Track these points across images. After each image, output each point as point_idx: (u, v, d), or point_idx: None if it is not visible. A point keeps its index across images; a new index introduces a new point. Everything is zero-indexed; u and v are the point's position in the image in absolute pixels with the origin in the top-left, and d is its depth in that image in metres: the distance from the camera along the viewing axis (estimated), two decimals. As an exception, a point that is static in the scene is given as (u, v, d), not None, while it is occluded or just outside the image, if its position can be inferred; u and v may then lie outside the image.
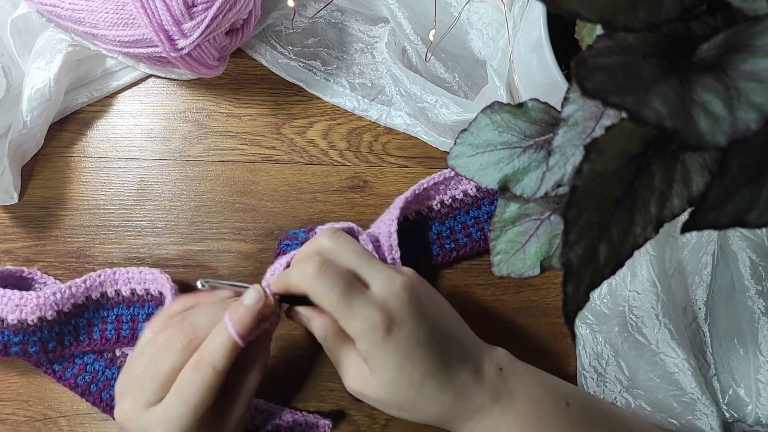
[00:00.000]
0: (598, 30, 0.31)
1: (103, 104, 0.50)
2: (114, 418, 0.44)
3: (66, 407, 0.46)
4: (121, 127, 0.50)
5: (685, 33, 0.25)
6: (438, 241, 0.48)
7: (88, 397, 0.45)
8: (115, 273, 0.45)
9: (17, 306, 0.42)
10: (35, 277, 0.47)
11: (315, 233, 0.45)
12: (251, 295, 0.36)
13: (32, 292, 0.42)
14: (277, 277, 0.38)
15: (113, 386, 0.42)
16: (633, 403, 0.45)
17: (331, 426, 0.45)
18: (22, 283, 0.46)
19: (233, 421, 0.37)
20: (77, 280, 0.44)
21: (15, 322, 0.41)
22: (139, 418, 0.35)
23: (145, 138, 0.50)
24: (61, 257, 0.48)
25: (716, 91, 0.21)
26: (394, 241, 0.44)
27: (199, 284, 0.37)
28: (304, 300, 0.37)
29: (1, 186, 0.46)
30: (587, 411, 0.39)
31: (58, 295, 0.43)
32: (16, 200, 0.47)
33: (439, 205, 0.48)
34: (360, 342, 0.35)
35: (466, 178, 0.37)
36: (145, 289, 0.46)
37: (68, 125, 0.50)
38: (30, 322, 0.42)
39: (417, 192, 0.46)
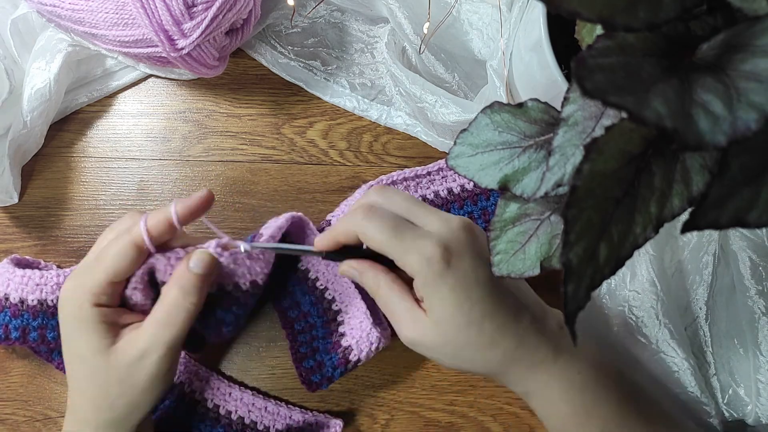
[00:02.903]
0: (598, 30, 0.31)
1: (103, 104, 0.50)
2: None
3: (66, 407, 0.46)
4: (121, 127, 0.50)
5: (685, 33, 0.25)
6: None
7: None
8: None
9: (37, 285, 0.41)
10: (49, 269, 0.47)
11: (261, 234, 0.44)
12: (197, 193, 0.37)
13: (52, 271, 0.43)
14: (326, 232, 0.37)
15: None
16: (633, 403, 0.45)
17: (342, 426, 0.45)
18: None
19: (137, 342, 0.35)
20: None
21: (35, 303, 0.41)
22: (65, 283, 0.36)
23: (145, 138, 0.50)
24: (61, 257, 0.48)
25: (716, 91, 0.21)
26: None
27: (242, 248, 0.37)
28: (352, 256, 0.37)
29: (1, 186, 0.46)
30: (636, 385, 0.39)
31: None
32: (16, 200, 0.47)
33: (432, 195, 0.48)
34: (418, 276, 0.34)
35: (466, 178, 0.37)
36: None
37: (68, 125, 0.50)
38: (50, 303, 0.42)
39: (386, 183, 0.47)
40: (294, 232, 0.45)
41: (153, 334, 0.35)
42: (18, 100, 0.46)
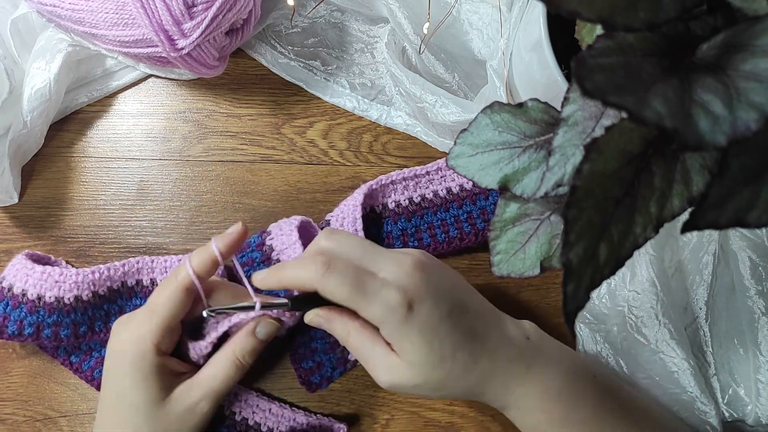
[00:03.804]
0: (598, 30, 0.31)
1: (103, 104, 0.50)
2: None
3: (66, 407, 0.46)
4: (121, 127, 0.50)
5: (685, 33, 0.25)
6: (429, 231, 0.48)
7: None
8: (153, 261, 0.46)
9: (56, 282, 0.42)
10: (61, 266, 0.47)
11: (268, 233, 0.46)
12: (233, 227, 0.38)
13: (71, 269, 0.43)
14: (270, 271, 0.38)
15: None
16: (633, 403, 0.45)
17: (346, 429, 0.45)
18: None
19: (188, 394, 0.38)
20: (116, 263, 0.45)
21: (52, 300, 0.41)
22: (116, 330, 0.38)
23: (145, 138, 0.50)
24: (61, 257, 0.48)
25: (716, 91, 0.21)
26: (359, 225, 0.44)
27: (204, 314, 0.37)
28: (315, 303, 0.37)
29: (1, 186, 0.46)
30: (611, 384, 0.39)
31: (97, 275, 0.43)
32: (16, 200, 0.47)
33: (431, 195, 0.48)
34: (384, 326, 0.35)
35: (466, 178, 0.37)
36: (152, 279, 0.46)
37: (68, 125, 0.50)
38: (67, 301, 0.42)
39: (381, 184, 0.47)
40: (301, 238, 0.45)
41: (208, 388, 0.38)
42: (18, 100, 0.46)
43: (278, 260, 0.45)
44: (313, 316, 0.38)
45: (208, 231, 0.49)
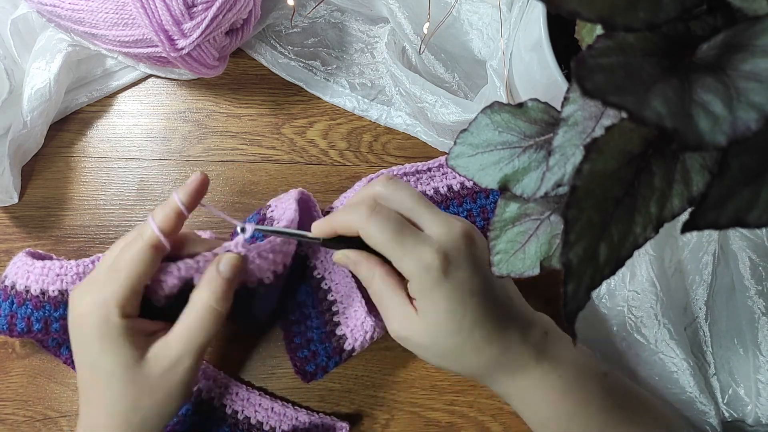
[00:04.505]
0: (598, 30, 0.31)
1: (103, 104, 0.50)
2: None
3: (66, 407, 0.46)
4: (121, 127, 0.50)
5: (685, 33, 0.25)
6: None
7: None
8: None
9: (58, 275, 0.41)
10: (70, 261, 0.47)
11: (267, 206, 0.45)
12: (193, 176, 0.36)
13: (72, 261, 0.42)
14: (325, 218, 0.37)
15: None
16: (633, 403, 0.45)
17: (348, 429, 0.45)
18: None
19: (165, 352, 0.35)
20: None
21: (56, 293, 0.41)
22: (76, 292, 0.36)
23: (145, 138, 0.50)
24: (61, 257, 0.48)
25: (716, 91, 0.21)
26: None
27: (239, 228, 0.36)
28: (348, 246, 0.37)
29: (1, 186, 0.46)
30: (622, 385, 0.39)
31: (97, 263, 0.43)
32: (16, 200, 0.47)
33: (432, 192, 0.48)
34: (414, 280, 0.35)
35: (467, 178, 0.37)
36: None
37: (68, 125, 0.50)
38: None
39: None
40: (300, 211, 0.45)
41: (186, 341, 0.35)
42: (18, 100, 0.46)
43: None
44: (342, 256, 0.38)
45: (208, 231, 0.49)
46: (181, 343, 0.35)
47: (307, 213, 0.45)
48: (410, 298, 0.36)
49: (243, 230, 0.37)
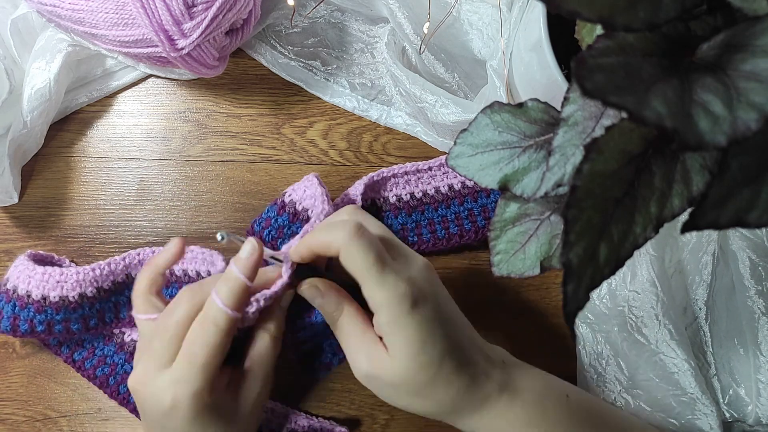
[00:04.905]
0: (598, 30, 0.31)
1: (103, 104, 0.50)
2: (131, 413, 0.45)
3: (66, 407, 0.46)
4: (121, 127, 0.50)
5: (685, 33, 0.25)
6: (429, 227, 0.47)
7: (105, 390, 0.45)
8: (154, 251, 0.46)
9: (58, 282, 0.42)
10: (63, 265, 0.47)
11: (284, 193, 0.45)
12: (247, 247, 0.36)
13: (72, 268, 0.43)
14: (302, 241, 0.37)
15: None
16: (632, 403, 0.45)
17: None
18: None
19: (250, 394, 0.37)
20: (116, 257, 0.45)
21: (57, 299, 0.42)
22: (151, 381, 0.35)
23: (145, 138, 0.50)
24: (62, 256, 0.48)
25: (716, 91, 0.21)
26: None
27: (218, 236, 0.35)
28: (315, 275, 0.37)
29: (1, 186, 0.46)
30: (585, 404, 0.39)
31: (98, 271, 0.43)
32: (16, 200, 0.47)
33: (432, 191, 0.48)
34: (384, 312, 0.34)
35: (466, 178, 0.37)
36: (183, 270, 0.46)
37: (68, 125, 0.50)
38: (72, 299, 0.42)
39: (383, 176, 0.47)
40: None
41: (262, 374, 0.38)
42: (18, 100, 0.46)
43: (303, 209, 0.45)
44: (309, 287, 0.37)
45: (208, 231, 0.49)
46: (259, 378, 0.38)
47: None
48: (378, 337, 0.36)
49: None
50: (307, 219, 0.45)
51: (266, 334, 0.38)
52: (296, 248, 0.37)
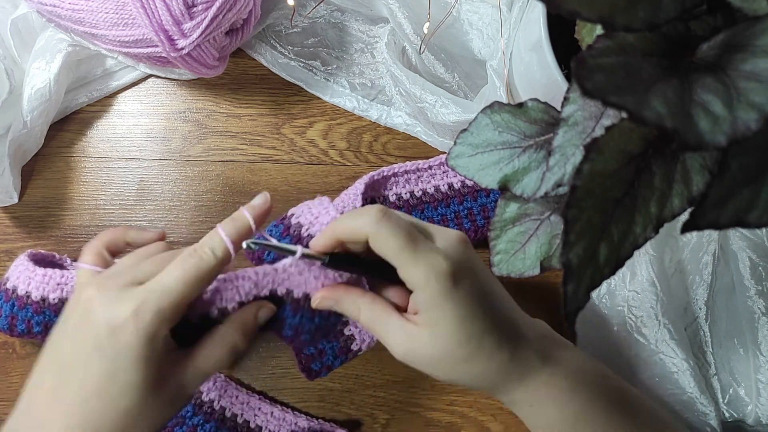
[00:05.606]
0: (598, 30, 0.31)
1: (103, 104, 0.50)
2: None
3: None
4: (121, 127, 0.50)
5: (685, 33, 0.25)
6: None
7: None
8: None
9: (58, 285, 0.42)
10: (65, 264, 0.47)
11: (290, 215, 0.45)
12: (260, 198, 0.36)
13: (72, 270, 0.43)
14: (325, 230, 0.36)
15: None
16: (633, 403, 0.45)
17: None
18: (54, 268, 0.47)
19: (185, 380, 0.34)
20: (116, 259, 0.44)
21: (56, 301, 0.42)
22: (113, 293, 0.32)
23: (145, 138, 0.50)
24: (63, 255, 0.48)
25: (716, 91, 0.21)
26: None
27: (244, 245, 0.35)
28: (352, 264, 0.36)
29: (1, 186, 0.46)
30: (620, 384, 0.39)
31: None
32: (16, 200, 0.47)
33: (432, 190, 0.48)
34: (423, 290, 0.33)
35: (466, 178, 0.37)
36: None
37: (68, 125, 0.50)
38: None
39: (383, 175, 0.47)
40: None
41: (202, 372, 0.35)
42: (18, 100, 0.46)
43: (309, 236, 0.44)
44: (320, 300, 0.37)
45: (208, 231, 0.49)
46: (197, 373, 0.35)
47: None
48: (403, 316, 0.35)
49: (245, 246, 0.35)
50: None
51: (224, 337, 0.36)
52: (319, 237, 0.36)
